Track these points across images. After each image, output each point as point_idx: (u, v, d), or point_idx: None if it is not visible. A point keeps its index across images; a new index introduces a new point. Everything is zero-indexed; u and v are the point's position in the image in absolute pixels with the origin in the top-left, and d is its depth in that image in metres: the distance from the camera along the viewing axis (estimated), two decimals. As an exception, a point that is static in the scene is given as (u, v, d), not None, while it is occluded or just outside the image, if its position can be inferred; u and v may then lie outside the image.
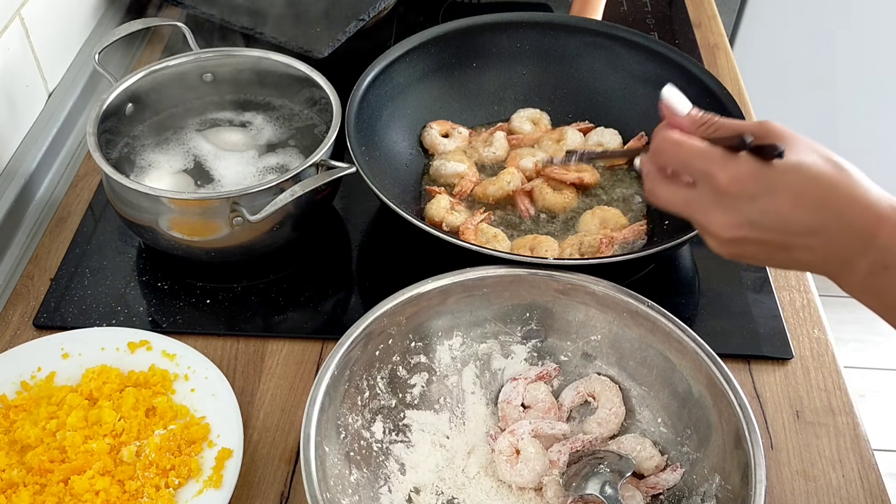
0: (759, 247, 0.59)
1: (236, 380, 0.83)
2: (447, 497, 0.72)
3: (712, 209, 0.59)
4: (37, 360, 0.79)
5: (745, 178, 0.57)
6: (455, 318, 0.79)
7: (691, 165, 0.60)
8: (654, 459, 0.73)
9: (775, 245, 0.59)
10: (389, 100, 1.02)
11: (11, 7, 1.00)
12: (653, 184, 0.64)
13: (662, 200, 0.63)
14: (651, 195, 0.64)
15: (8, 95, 0.99)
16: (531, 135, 1.06)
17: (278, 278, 0.93)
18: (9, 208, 0.95)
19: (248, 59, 0.99)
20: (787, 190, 0.56)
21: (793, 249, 0.59)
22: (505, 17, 1.09)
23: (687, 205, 0.61)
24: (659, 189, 0.63)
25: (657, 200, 0.64)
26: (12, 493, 0.69)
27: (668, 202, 0.63)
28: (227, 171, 0.93)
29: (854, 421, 0.82)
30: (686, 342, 0.73)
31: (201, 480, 0.71)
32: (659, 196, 0.64)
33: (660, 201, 0.64)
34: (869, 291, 0.59)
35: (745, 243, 0.59)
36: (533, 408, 0.77)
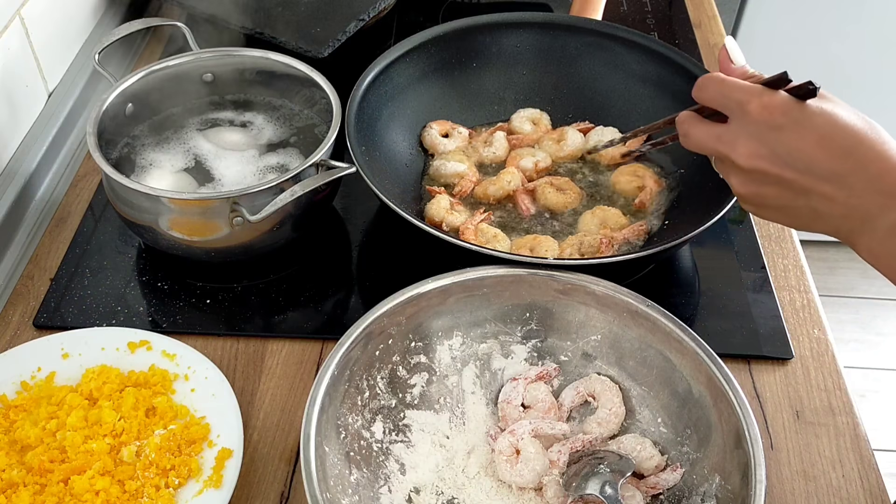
0: (778, 188, 0.59)
1: (236, 380, 0.83)
2: (447, 497, 0.72)
3: (739, 139, 0.60)
4: (37, 360, 0.79)
5: (775, 108, 0.57)
6: (455, 318, 0.79)
7: (729, 98, 0.60)
8: (654, 459, 0.73)
9: (795, 187, 0.58)
10: (389, 100, 1.02)
11: (11, 7, 1.00)
12: (686, 126, 0.65)
13: (694, 139, 0.65)
14: (685, 138, 0.66)
15: (8, 95, 0.99)
16: (531, 135, 1.06)
17: (278, 278, 0.93)
18: (9, 208, 0.95)
19: (248, 59, 0.99)
20: (814, 130, 0.56)
21: (812, 195, 0.58)
22: (505, 17, 1.09)
23: (717, 139, 0.62)
24: (692, 129, 0.65)
25: (690, 141, 0.65)
26: (12, 493, 0.69)
27: (700, 140, 0.64)
28: (228, 170, 0.93)
29: (854, 421, 0.82)
30: (686, 342, 0.73)
31: (201, 480, 0.71)
32: (691, 136, 0.65)
33: (692, 141, 0.65)
34: (886, 254, 0.58)
35: (766, 180, 0.60)
36: (533, 408, 0.77)
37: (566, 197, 0.98)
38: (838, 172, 0.56)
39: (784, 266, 0.96)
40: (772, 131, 0.58)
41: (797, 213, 0.61)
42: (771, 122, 0.58)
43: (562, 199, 0.97)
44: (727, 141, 0.61)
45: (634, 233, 0.93)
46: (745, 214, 1.02)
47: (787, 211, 0.61)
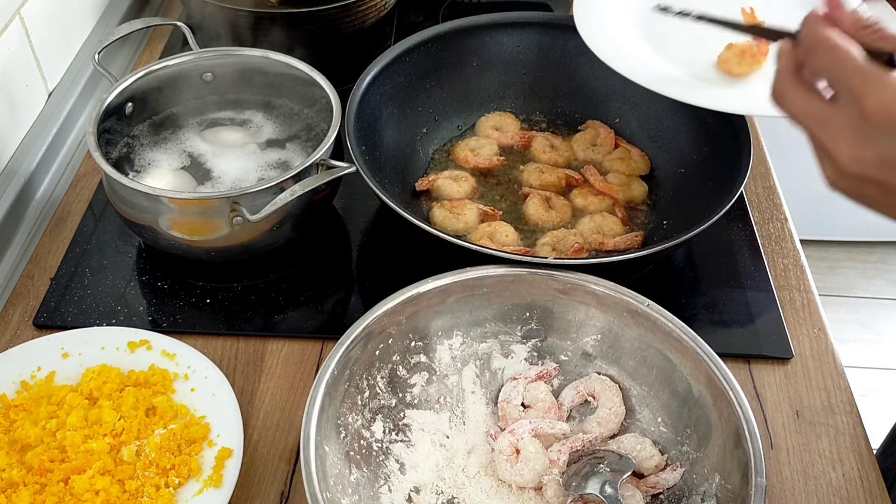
0: (878, 189, 0.54)
1: (236, 379, 0.83)
2: (447, 496, 0.72)
3: (846, 134, 0.53)
4: (37, 359, 0.79)
5: (893, 109, 0.51)
6: (455, 317, 0.79)
7: (842, 78, 0.53)
8: (654, 459, 0.73)
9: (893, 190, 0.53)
10: (389, 99, 1.02)
11: (11, 7, 1.00)
12: (784, 85, 0.57)
13: (791, 106, 0.57)
14: (779, 97, 0.58)
15: (8, 95, 0.99)
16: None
17: (278, 278, 0.93)
18: (9, 208, 0.95)
19: (248, 59, 0.99)
20: None
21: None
22: (505, 17, 1.09)
23: (819, 122, 0.55)
24: (791, 93, 0.57)
25: (784, 104, 0.58)
26: (12, 493, 0.69)
27: (798, 111, 0.56)
28: (229, 166, 0.93)
29: (854, 421, 0.82)
30: (686, 342, 0.73)
31: (201, 480, 0.71)
32: (788, 101, 0.57)
33: (787, 106, 0.57)
34: None
35: (866, 183, 0.54)
36: (533, 407, 0.77)
37: (550, 215, 0.97)
38: None
39: (784, 266, 0.96)
40: (884, 136, 0.52)
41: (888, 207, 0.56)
42: (885, 125, 0.52)
43: (545, 217, 0.97)
44: (832, 132, 0.54)
45: (627, 242, 0.93)
46: None
47: (886, 206, 0.56)
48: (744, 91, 0.90)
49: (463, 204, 0.96)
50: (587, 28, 0.96)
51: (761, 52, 0.91)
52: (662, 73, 0.92)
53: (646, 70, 0.92)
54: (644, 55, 0.94)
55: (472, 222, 0.94)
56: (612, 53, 0.93)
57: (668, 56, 0.94)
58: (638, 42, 0.96)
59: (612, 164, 1.03)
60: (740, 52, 0.92)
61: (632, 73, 0.91)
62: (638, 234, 0.94)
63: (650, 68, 0.92)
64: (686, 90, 0.90)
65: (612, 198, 0.99)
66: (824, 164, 0.56)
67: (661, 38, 0.96)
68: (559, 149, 1.05)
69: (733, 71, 0.92)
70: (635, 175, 1.02)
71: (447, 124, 1.08)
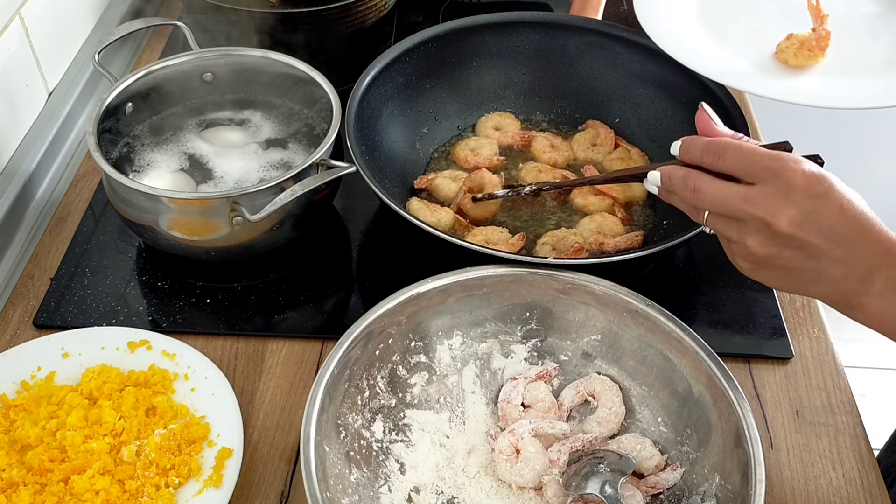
0: (798, 251, 0.62)
1: (236, 379, 0.83)
2: (447, 496, 0.72)
3: (777, 203, 0.61)
4: (37, 359, 0.79)
5: (814, 177, 0.61)
6: (455, 317, 0.79)
7: (757, 165, 0.62)
8: (654, 459, 0.73)
9: (813, 251, 0.62)
10: (389, 99, 1.02)
11: (11, 7, 1.00)
12: (696, 180, 0.65)
13: (711, 196, 0.64)
14: (696, 193, 0.65)
15: (8, 95, 0.99)
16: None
17: (278, 278, 0.93)
18: (9, 208, 0.95)
19: (248, 59, 0.99)
20: (838, 198, 0.61)
21: (823, 258, 0.61)
22: (505, 16, 1.09)
23: (745, 200, 0.62)
24: (707, 185, 0.64)
25: (703, 197, 0.65)
26: (12, 493, 0.69)
27: (720, 197, 0.64)
28: (230, 167, 0.93)
29: (854, 420, 0.82)
30: (686, 342, 0.73)
31: (201, 480, 0.71)
32: (707, 192, 0.64)
33: (706, 197, 0.65)
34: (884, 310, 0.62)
35: (790, 244, 0.62)
36: (533, 407, 0.77)
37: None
38: (850, 237, 0.61)
39: (784, 266, 0.96)
40: (810, 199, 0.60)
41: (800, 276, 0.64)
42: (811, 191, 0.60)
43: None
44: (762, 204, 0.62)
45: (627, 242, 0.93)
46: None
47: (791, 273, 0.64)
48: (800, 82, 0.92)
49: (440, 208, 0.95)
50: (647, 17, 0.98)
51: (819, 47, 0.92)
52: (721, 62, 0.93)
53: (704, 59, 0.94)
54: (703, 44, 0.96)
55: (444, 223, 0.94)
56: (671, 42, 0.95)
57: (726, 45, 0.96)
58: (697, 31, 0.98)
59: (612, 164, 1.03)
60: (799, 43, 0.93)
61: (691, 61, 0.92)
62: (638, 234, 0.94)
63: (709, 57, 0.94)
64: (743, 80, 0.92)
65: (612, 198, 0.99)
66: (747, 236, 0.63)
67: (721, 28, 0.98)
68: (559, 149, 1.05)
69: (790, 62, 0.93)
70: None
71: (447, 124, 1.08)
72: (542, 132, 1.08)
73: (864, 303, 0.62)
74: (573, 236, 0.93)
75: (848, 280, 0.62)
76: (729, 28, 0.98)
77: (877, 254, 0.61)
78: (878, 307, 0.62)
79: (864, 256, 0.61)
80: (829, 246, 0.61)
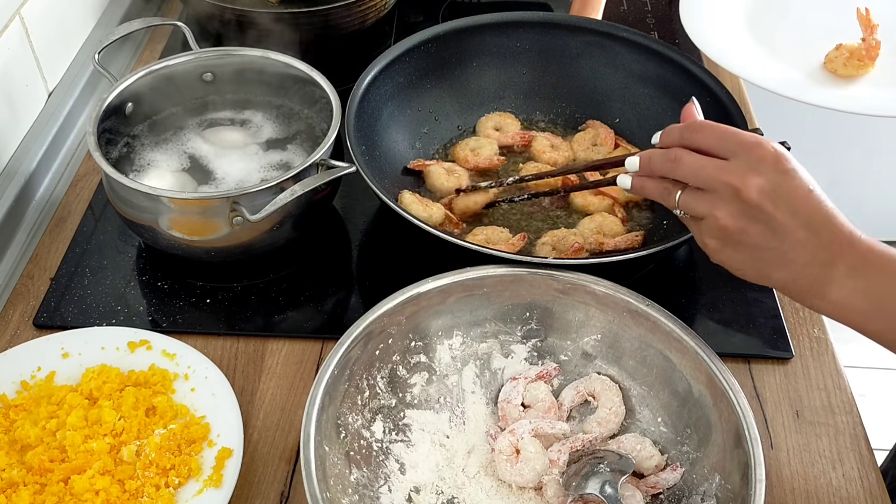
0: (764, 226, 0.64)
1: (236, 379, 0.83)
2: (447, 496, 0.72)
3: (748, 172, 0.63)
4: (37, 359, 0.79)
5: (783, 156, 0.64)
6: (455, 317, 0.79)
7: (731, 142, 0.65)
8: (654, 459, 0.73)
9: (779, 229, 0.63)
10: (389, 99, 1.02)
11: (11, 7, 1.00)
12: (676, 152, 0.68)
13: (690, 165, 0.67)
14: (676, 163, 0.67)
15: (8, 95, 0.99)
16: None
17: (278, 278, 0.93)
18: (9, 208, 0.95)
19: (248, 59, 0.99)
20: (806, 181, 0.63)
21: (787, 238, 0.63)
22: (505, 16, 1.09)
23: (721, 169, 0.65)
24: (685, 154, 0.67)
25: (683, 166, 0.67)
26: (12, 493, 0.69)
27: (698, 166, 0.66)
28: (231, 167, 0.93)
29: (854, 420, 0.82)
30: (686, 342, 0.73)
31: (201, 480, 0.71)
32: (686, 162, 0.67)
33: (685, 166, 0.67)
34: (845, 298, 0.63)
35: (758, 217, 0.63)
36: (533, 407, 0.77)
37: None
38: (815, 220, 0.63)
39: (784, 266, 0.96)
40: (779, 173, 0.63)
41: (764, 259, 0.65)
42: (780, 166, 0.63)
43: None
44: (735, 172, 0.64)
45: (627, 241, 0.93)
46: None
47: (755, 255, 0.65)
48: (850, 91, 0.93)
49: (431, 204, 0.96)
50: (694, 25, 0.98)
51: (870, 56, 0.93)
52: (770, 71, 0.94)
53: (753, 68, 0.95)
54: (751, 53, 0.96)
55: (435, 219, 0.94)
56: (718, 51, 0.95)
57: (775, 54, 0.96)
58: (745, 40, 0.98)
59: (612, 164, 1.03)
60: (848, 53, 0.93)
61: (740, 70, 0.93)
62: (638, 234, 0.94)
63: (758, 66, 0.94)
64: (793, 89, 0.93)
65: (612, 198, 0.99)
66: (717, 206, 0.65)
67: (769, 37, 0.98)
68: (559, 149, 1.05)
69: (839, 72, 0.94)
70: None
71: (447, 124, 1.08)
72: (542, 132, 1.08)
73: (825, 291, 0.64)
74: (573, 236, 0.93)
75: (810, 266, 0.63)
76: (777, 37, 0.99)
77: (840, 242, 0.63)
78: (838, 295, 0.63)
79: (828, 243, 0.63)
80: (794, 226, 0.63)
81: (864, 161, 2.25)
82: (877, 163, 2.27)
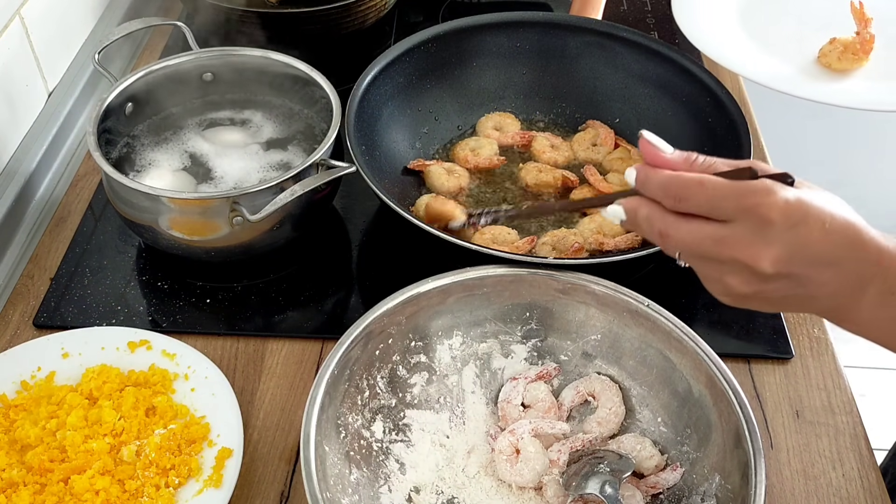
0: (785, 282, 0.57)
1: (236, 379, 0.83)
2: (447, 496, 0.72)
3: (755, 242, 0.55)
4: (37, 359, 0.79)
5: (789, 207, 0.55)
6: (455, 317, 0.79)
7: (725, 202, 0.56)
8: (653, 459, 0.73)
9: (800, 279, 0.57)
10: (389, 99, 1.02)
11: (11, 7, 1.00)
12: (664, 224, 0.59)
13: (680, 241, 0.58)
14: (664, 239, 0.59)
15: (8, 95, 0.99)
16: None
17: (278, 278, 0.93)
18: (9, 208, 0.95)
19: (248, 59, 0.99)
20: (818, 221, 0.55)
21: (811, 283, 0.57)
22: (505, 16, 1.09)
23: (719, 242, 0.56)
24: (675, 230, 0.58)
25: (671, 242, 0.59)
26: (12, 493, 0.69)
27: (691, 242, 0.58)
28: (231, 167, 0.93)
29: (854, 420, 0.82)
30: (686, 342, 0.73)
31: (201, 480, 0.71)
32: (675, 238, 0.58)
33: (675, 242, 0.59)
34: (877, 320, 0.59)
35: (774, 279, 0.57)
36: (533, 407, 0.77)
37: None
38: (837, 255, 0.56)
39: (784, 266, 0.96)
40: (788, 231, 0.55)
41: (788, 302, 0.60)
42: (789, 220, 0.55)
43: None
44: (738, 246, 0.56)
45: (627, 242, 0.93)
46: None
47: (777, 303, 0.60)
48: (844, 85, 0.92)
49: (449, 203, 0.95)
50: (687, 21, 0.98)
51: (864, 50, 0.92)
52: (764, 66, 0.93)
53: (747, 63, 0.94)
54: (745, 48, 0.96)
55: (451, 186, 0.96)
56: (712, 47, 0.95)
57: (768, 49, 0.95)
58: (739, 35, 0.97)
59: (612, 164, 1.03)
60: (843, 47, 0.92)
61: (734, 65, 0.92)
62: (638, 235, 0.94)
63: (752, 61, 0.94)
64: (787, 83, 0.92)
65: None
66: (726, 276, 0.58)
67: (762, 32, 0.98)
68: (559, 149, 1.05)
69: (833, 66, 0.93)
70: None
71: (447, 124, 1.08)
72: (542, 132, 1.08)
73: (856, 316, 0.59)
74: (573, 236, 0.93)
75: (838, 296, 0.58)
76: (770, 31, 0.98)
77: (867, 265, 0.57)
78: (870, 318, 0.59)
79: (854, 271, 0.57)
80: (816, 272, 0.57)
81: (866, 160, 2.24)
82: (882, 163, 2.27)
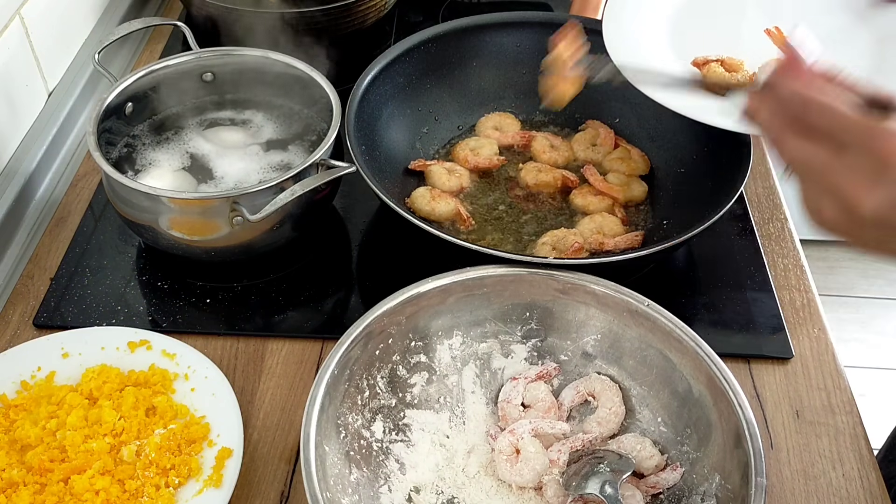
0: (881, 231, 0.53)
1: (236, 379, 0.83)
2: (447, 496, 0.72)
3: (865, 181, 0.52)
4: (37, 359, 0.79)
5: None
6: (455, 317, 0.79)
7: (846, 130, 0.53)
8: (653, 459, 0.73)
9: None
10: (389, 99, 1.02)
11: (11, 7, 1.00)
12: (782, 134, 0.56)
13: (790, 154, 0.56)
14: (780, 144, 0.57)
15: (8, 95, 0.99)
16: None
17: (278, 278, 0.93)
18: (9, 208, 0.95)
19: (248, 59, 0.99)
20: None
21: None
22: (505, 16, 1.09)
23: (827, 168, 0.54)
24: (792, 143, 0.56)
25: (783, 153, 0.57)
26: (12, 493, 0.69)
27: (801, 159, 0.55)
28: (231, 167, 0.93)
29: (854, 420, 0.82)
30: (686, 342, 0.73)
31: (201, 480, 0.71)
32: (787, 149, 0.56)
33: (787, 154, 0.56)
34: None
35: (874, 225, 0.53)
36: (533, 407, 0.77)
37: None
38: None
39: (784, 266, 0.96)
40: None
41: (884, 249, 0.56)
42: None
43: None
44: (846, 179, 0.53)
45: (627, 241, 0.93)
46: None
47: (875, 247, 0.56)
48: None
49: (444, 196, 0.96)
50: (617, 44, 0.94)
51: None
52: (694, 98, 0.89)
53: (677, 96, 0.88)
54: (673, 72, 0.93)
55: (443, 214, 0.95)
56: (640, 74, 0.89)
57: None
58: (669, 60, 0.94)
59: (612, 164, 1.03)
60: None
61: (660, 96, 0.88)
62: (638, 234, 0.94)
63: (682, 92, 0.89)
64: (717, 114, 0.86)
65: (612, 198, 0.99)
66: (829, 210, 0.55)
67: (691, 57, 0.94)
68: (559, 149, 1.05)
69: None
70: (635, 175, 1.02)
71: (447, 124, 1.08)
72: (542, 132, 1.08)
73: None
74: (573, 236, 0.93)
75: None
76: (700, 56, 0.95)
77: None
78: None
79: None
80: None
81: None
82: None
